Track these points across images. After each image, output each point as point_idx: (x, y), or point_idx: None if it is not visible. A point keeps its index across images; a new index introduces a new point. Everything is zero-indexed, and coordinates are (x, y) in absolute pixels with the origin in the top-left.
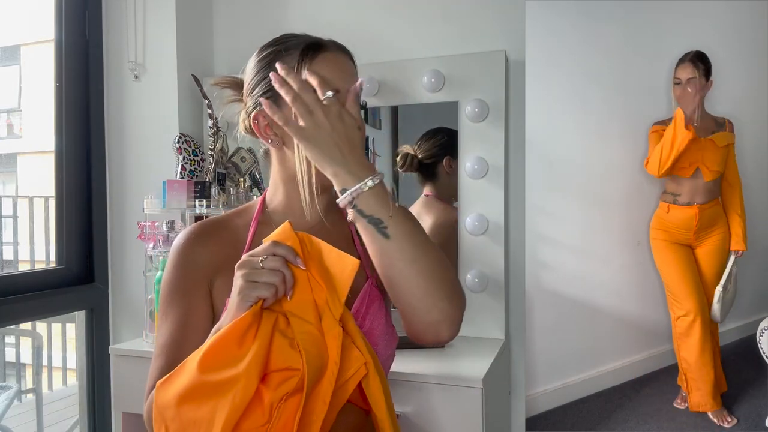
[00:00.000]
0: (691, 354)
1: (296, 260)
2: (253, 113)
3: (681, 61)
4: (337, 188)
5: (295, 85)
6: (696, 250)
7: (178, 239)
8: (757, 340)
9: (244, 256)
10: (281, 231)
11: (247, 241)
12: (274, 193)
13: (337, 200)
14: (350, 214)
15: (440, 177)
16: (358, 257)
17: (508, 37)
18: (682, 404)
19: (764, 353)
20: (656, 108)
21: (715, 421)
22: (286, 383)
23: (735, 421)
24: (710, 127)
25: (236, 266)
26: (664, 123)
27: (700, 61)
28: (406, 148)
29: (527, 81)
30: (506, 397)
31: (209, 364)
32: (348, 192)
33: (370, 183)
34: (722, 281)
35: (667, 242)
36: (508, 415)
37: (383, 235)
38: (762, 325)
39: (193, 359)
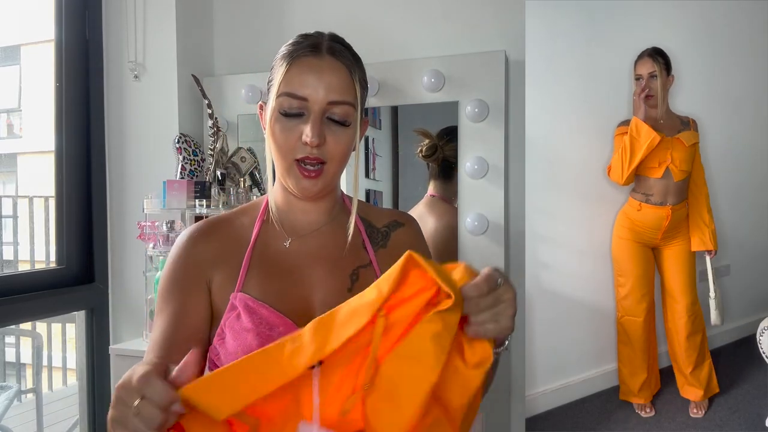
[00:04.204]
0: (632, 351)
1: (176, 407)
2: (259, 102)
3: (639, 57)
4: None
5: None
6: (663, 251)
7: (181, 236)
8: (757, 340)
9: (120, 381)
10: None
11: (251, 241)
12: (275, 190)
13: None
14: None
15: (453, 179)
16: (370, 262)
17: (508, 37)
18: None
19: (764, 353)
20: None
21: (639, 412)
22: None
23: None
24: (676, 126)
25: (116, 386)
26: (628, 124)
27: (659, 55)
28: (431, 139)
29: (527, 81)
30: (506, 397)
31: None
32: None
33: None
34: (711, 289)
35: (630, 241)
36: (508, 415)
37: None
38: (762, 325)
39: None
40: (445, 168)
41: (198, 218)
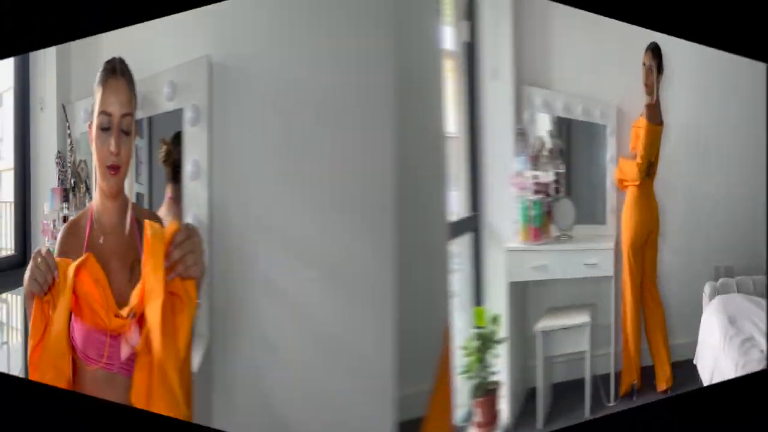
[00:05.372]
0: None
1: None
2: (88, 121)
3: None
4: None
5: None
6: None
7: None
8: None
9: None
10: None
11: (85, 239)
12: (96, 196)
13: None
14: None
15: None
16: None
17: (214, 41)
18: None
19: None
20: None
21: None
22: None
23: None
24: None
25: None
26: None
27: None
28: (167, 145)
29: (233, 83)
30: None
31: None
32: None
33: None
34: None
35: None
36: None
37: None
38: None
39: None
40: (176, 171)
41: (65, 218)
